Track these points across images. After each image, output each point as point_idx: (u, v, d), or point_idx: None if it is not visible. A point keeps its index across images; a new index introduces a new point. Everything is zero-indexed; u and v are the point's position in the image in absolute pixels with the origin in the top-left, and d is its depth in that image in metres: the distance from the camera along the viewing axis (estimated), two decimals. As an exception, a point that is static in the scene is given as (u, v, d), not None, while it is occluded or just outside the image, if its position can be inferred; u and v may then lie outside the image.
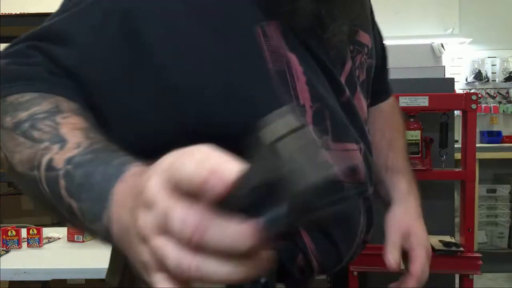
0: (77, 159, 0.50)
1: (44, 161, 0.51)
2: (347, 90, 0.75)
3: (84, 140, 0.52)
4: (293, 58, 0.68)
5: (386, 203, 0.96)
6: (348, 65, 0.78)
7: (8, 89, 0.58)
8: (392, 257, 0.88)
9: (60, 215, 0.52)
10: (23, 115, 0.55)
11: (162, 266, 0.36)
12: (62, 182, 0.50)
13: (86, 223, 0.48)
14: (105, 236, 0.46)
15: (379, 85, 0.97)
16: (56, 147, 0.52)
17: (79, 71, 0.61)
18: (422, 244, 0.91)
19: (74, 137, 0.52)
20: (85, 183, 0.48)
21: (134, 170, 0.46)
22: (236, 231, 0.33)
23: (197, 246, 0.34)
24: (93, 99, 0.62)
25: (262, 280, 0.60)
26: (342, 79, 0.75)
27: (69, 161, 0.50)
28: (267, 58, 0.66)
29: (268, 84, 0.66)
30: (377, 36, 0.96)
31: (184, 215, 0.34)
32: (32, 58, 0.61)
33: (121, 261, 0.76)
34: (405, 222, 0.92)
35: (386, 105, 1.07)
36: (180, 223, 0.34)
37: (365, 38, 0.83)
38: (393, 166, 0.98)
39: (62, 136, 0.53)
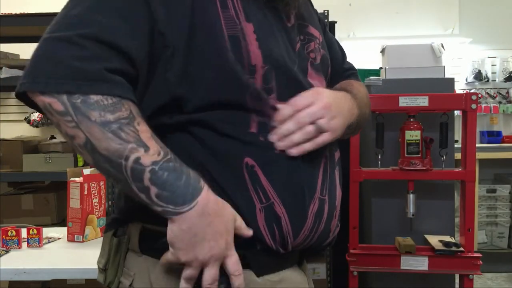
0: (160, 163, 0.76)
1: (133, 157, 0.75)
2: (298, 60, 0.91)
3: (160, 149, 0.77)
4: (249, 26, 0.85)
5: None
6: (297, 45, 0.94)
7: (89, 87, 0.74)
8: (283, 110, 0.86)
9: (123, 184, 0.77)
10: (110, 116, 0.75)
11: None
12: (147, 174, 0.75)
13: (154, 198, 0.76)
14: (162, 213, 0.77)
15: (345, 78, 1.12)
16: (142, 150, 0.75)
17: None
18: (326, 96, 0.89)
19: (153, 145, 0.77)
20: (172, 183, 0.76)
21: (206, 187, 0.79)
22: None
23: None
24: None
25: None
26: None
27: (154, 163, 0.76)
28: (222, 25, 0.83)
29: (224, 44, 0.83)
30: (336, 44, 1.14)
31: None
32: (85, 50, 0.75)
33: (108, 248, 0.93)
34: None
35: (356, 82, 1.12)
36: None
37: (315, 32, 0.99)
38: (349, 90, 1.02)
39: (144, 142, 0.76)
